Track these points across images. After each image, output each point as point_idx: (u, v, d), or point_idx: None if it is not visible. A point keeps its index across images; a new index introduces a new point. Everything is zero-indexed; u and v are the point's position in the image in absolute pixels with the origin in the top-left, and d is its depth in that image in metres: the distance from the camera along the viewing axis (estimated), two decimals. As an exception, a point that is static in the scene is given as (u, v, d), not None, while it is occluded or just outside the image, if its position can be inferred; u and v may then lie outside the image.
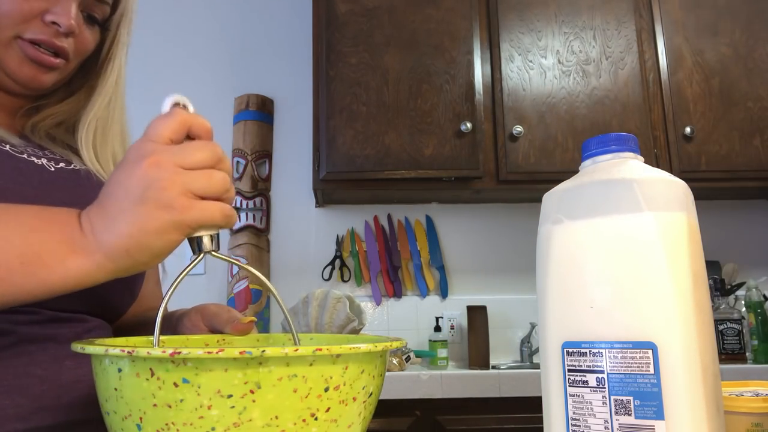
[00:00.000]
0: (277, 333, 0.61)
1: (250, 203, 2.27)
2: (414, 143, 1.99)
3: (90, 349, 0.39)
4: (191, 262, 0.45)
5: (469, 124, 1.98)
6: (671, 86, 2.08)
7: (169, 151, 0.44)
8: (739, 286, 2.04)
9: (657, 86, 2.09)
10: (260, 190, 2.31)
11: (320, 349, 0.37)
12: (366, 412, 0.43)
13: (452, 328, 2.23)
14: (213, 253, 0.47)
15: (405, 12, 2.08)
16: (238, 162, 2.32)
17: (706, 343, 0.39)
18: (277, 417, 0.37)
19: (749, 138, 2.04)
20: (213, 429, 0.36)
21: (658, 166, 0.99)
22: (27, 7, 0.62)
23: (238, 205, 2.27)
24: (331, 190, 2.10)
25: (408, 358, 1.87)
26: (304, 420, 0.38)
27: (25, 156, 0.64)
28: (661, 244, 0.40)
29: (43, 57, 0.64)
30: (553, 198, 0.46)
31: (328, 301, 1.76)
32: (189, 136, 0.47)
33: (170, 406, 0.37)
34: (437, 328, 2.10)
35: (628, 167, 0.43)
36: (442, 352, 2.03)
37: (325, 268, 2.29)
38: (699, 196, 0.71)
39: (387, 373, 1.67)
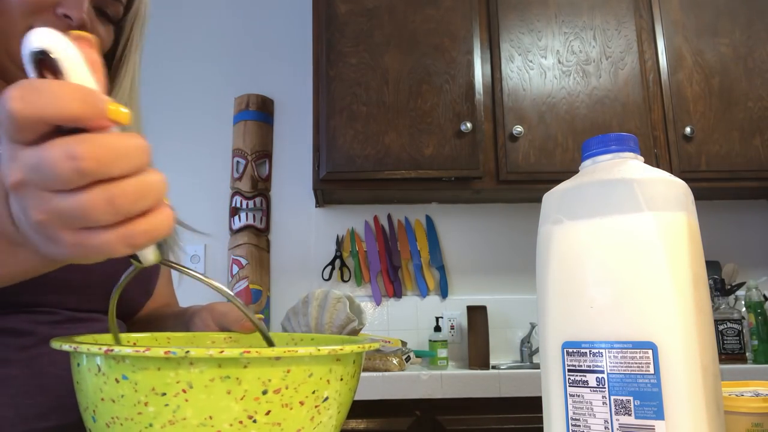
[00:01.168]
0: (278, 333, 0.61)
1: (250, 203, 2.27)
2: (414, 143, 1.99)
3: (54, 344, 0.40)
4: (124, 276, 0.41)
5: (469, 124, 1.98)
6: (671, 86, 2.08)
7: (25, 156, 0.31)
8: (739, 286, 2.04)
9: (657, 86, 2.09)
10: (260, 190, 2.31)
11: (249, 351, 0.36)
12: (324, 416, 0.41)
13: (452, 328, 2.23)
14: (163, 262, 0.39)
15: (405, 12, 2.08)
16: (238, 162, 2.32)
17: (706, 343, 0.39)
18: (211, 417, 0.37)
19: (749, 138, 2.04)
20: (150, 425, 0.37)
21: (658, 166, 0.99)
22: None
23: (238, 204, 2.27)
24: (331, 190, 2.10)
25: (408, 358, 1.87)
26: (240, 422, 0.38)
27: None
28: (661, 244, 0.40)
29: None
30: (553, 198, 0.46)
31: (328, 301, 1.76)
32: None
33: (114, 401, 0.38)
34: (437, 328, 2.10)
35: (628, 167, 0.43)
36: (442, 352, 2.03)
37: (325, 268, 2.29)
38: (699, 196, 0.71)
39: (387, 373, 1.67)
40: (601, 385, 0.40)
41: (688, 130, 2.02)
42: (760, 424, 0.48)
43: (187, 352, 0.36)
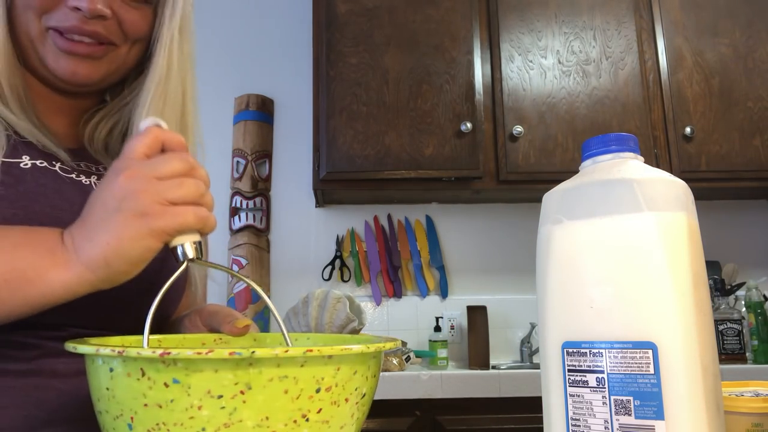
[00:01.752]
0: (276, 332, 0.61)
1: (250, 203, 2.27)
2: (414, 143, 1.99)
3: (82, 348, 0.39)
4: (174, 276, 0.46)
5: (469, 124, 1.98)
6: (671, 86, 2.08)
7: (143, 164, 0.47)
8: (739, 286, 2.04)
9: (657, 86, 2.09)
10: (260, 190, 2.31)
11: (311, 350, 0.37)
12: (359, 413, 0.43)
13: (452, 328, 2.23)
14: (197, 260, 0.47)
15: (405, 12, 2.08)
16: (238, 162, 2.32)
17: (706, 343, 0.39)
18: (267, 418, 0.37)
19: (749, 138, 2.04)
20: (203, 429, 0.36)
21: (658, 166, 0.99)
22: None
23: (238, 204, 2.27)
24: (331, 190, 2.10)
25: (408, 358, 1.87)
26: (295, 421, 0.38)
27: (73, 175, 0.62)
28: (661, 244, 0.40)
29: (74, 46, 0.60)
30: (553, 198, 0.46)
31: (328, 301, 1.76)
32: (164, 151, 0.49)
33: (161, 406, 0.37)
34: (437, 328, 2.09)
35: (628, 167, 0.43)
36: (442, 352, 2.03)
37: (325, 268, 2.29)
38: (699, 196, 0.71)
39: (387, 373, 1.67)
40: (601, 385, 0.40)
41: (688, 130, 2.02)
42: (760, 424, 0.48)
43: (253, 352, 0.35)
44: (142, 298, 0.52)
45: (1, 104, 0.59)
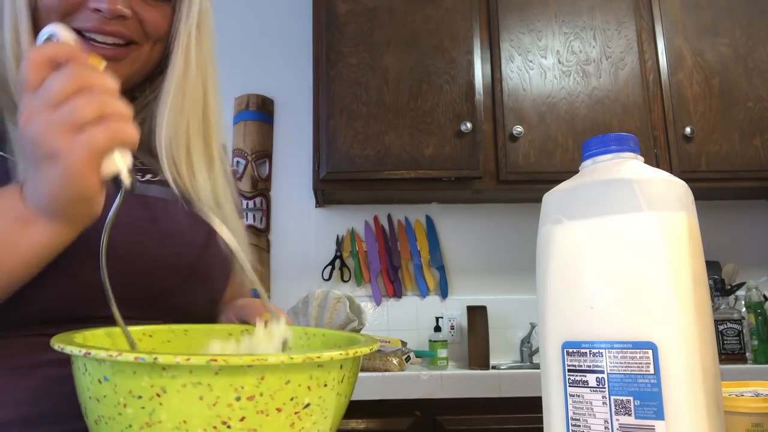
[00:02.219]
0: (296, 326, 0.60)
1: (250, 203, 2.27)
2: (414, 143, 1.99)
3: (55, 345, 0.41)
4: (113, 207, 0.44)
5: (469, 124, 1.98)
6: (671, 86, 2.08)
7: (34, 97, 0.44)
8: (739, 286, 2.03)
9: (657, 86, 2.08)
10: (260, 190, 2.31)
11: (215, 360, 0.36)
12: (306, 422, 0.41)
13: (452, 328, 2.23)
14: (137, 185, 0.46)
15: (405, 12, 2.08)
16: (238, 162, 2.32)
17: (706, 343, 0.39)
18: (185, 422, 0.37)
19: (749, 138, 2.04)
20: (130, 426, 0.38)
21: (658, 166, 0.99)
22: None
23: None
24: (331, 190, 2.10)
25: (408, 358, 1.87)
26: (214, 427, 0.38)
27: None
28: (661, 244, 0.39)
29: (97, 49, 0.61)
30: (553, 198, 0.46)
31: (328, 301, 1.76)
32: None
33: (98, 401, 0.40)
34: (437, 328, 2.09)
35: (628, 167, 0.43)
36: (442, 352, 2.03)
37: (325, 268, 2.29)
38: (699, 196, 0.71)
39: (387, 374, 1.67)
40: (601, 385, 0.40)
41: (688, 130, 2.02)
42: (760, 424, 0.48)
43: (156, 358, 0.36)
44: (184, 286, 0.56)
45: None
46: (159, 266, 0.62)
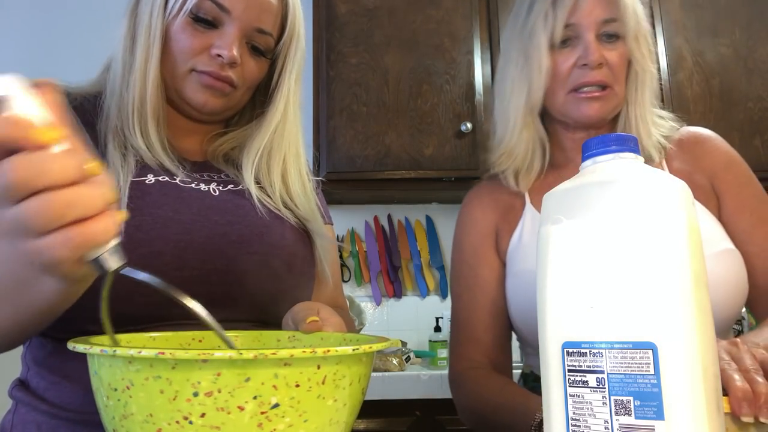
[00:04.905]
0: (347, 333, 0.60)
1: (250, 203, 2.27)
2: (414, 143, 1.99)
3: (70, 344, 0.43)
4: (103, 284, 0.41)
5: (469, 124, 1.98)
6: (671, 86, 2.08)
7: None
8: (739, 286, 2.03)
9: (657, 86, 2.08)
10: (260, 190, 2.31)
11: (162, 353, 0.36)
12: (278, 424, 0.39)
13: (452, 328, 2.23)
14: (123, 268, 0.40)
15: (405, 12, 2.08)
16: (238, 162, 2.32)
17: (706, 343, 0.39)
18: (151, 415, 0.38)
19: (749, 138, 2.04)
20: (113, 418, 0.41)
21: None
22: (197, 43, 0.72)
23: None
24: (331, 190, 2.10)
25: (408, 358, 1.87)
26: (177, 422, 0.38)
27: (192, 185, 0.73)
28: (661, 244, 0.40)
29: (215, 83, 0.74)
30: (553, 198, 0.46)
31: (328, 301, 1.76)
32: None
33: (96, 390, 0.43)
34: (437, 328, 2.09)
35: (628, 167, 0.43)
36: (442, 352, 2.03)
37: (325, 268, 2.29)
38: (699, 196, 0.71)
39: (387, 374, 1.67)
40: (601, 386, 0.40)
41: (688, 130, 2.02)
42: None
43: (115, 351, 0.37)
44: (260, 275, 0.69)
45: (139, 134, 0.71)
46: (252, 268, 0.71)
